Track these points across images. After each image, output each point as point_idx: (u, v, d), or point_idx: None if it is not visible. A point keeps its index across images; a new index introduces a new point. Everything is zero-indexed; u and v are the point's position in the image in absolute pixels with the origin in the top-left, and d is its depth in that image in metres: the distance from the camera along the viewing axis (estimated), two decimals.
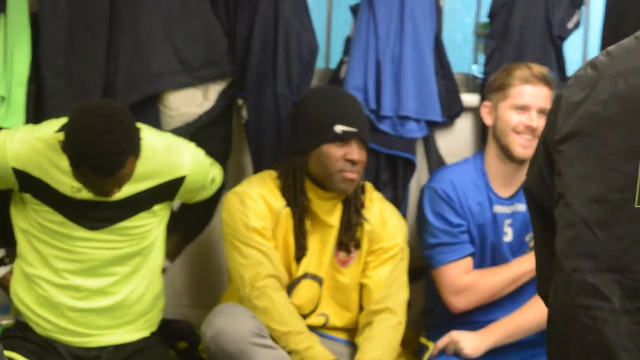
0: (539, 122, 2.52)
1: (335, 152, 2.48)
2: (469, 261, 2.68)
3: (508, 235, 2.73)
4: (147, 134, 2.33)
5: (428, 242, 2.71)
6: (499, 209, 2.74)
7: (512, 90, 2.61)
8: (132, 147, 2.19)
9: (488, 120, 2.65)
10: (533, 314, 2.62)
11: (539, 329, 2.55)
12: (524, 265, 2.67)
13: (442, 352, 2.64)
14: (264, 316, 2.43)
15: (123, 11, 2.57)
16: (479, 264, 2.73)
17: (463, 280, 2.68)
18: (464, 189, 2.72)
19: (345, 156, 2.48)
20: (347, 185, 2.50)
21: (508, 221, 2.71)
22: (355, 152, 2.49)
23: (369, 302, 2.57)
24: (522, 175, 2.50)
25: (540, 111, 2.56)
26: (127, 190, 2.33)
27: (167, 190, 2.43)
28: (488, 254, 2.74)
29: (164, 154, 2.40)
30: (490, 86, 2.71)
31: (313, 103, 2.62)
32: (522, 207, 2.69)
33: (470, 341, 2.62)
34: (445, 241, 2.70)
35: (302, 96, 2.68)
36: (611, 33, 2.96)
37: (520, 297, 2.63)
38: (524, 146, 2.54)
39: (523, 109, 2.58)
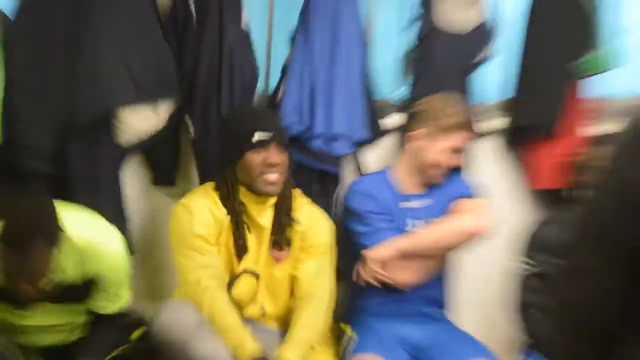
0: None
1: (255, 158, 2.67)
2: None
3: (410, 226, 2.98)
4: (73, 229, 2.33)
5: (357, 230, 2.96)
6: (404, 204, 3.00)
7: (452, 135, 2.88)
8: (45, 229, 2.22)
9: (415, 145, 2.92)
10: (430, 232, 2.93)
11: (436, 245, 2.91)
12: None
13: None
14: (206, 312, 2.62)
15: (83, 36, 2.71)
16: None
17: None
18: (376, 188, 3.00)
19: (264, 161, 2.67)
20: (271, 187, 2.71)
21: (414, 216, 2.97)
22: (273, 155, 2.69)
23: (298, 291, 2.81)
24: (424, 180, 2.96)
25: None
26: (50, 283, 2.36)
27: (83, 287, 2.52)
28: None
29: (86, 250, 2.45)
30: (426, 119, 2.94)
31: (234, 119, 2.83)
32: (422, 202, 2.99)
33: (373, 250, 2.91)
34: (370, 228, 2.94)
35: (225, 115, 2.91)
36: (530, 61, 3.32)
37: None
38: (442, 175, 2.93)
39: (457, 151, 2.89)
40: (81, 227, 2.47)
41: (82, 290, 2.54)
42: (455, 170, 3.09)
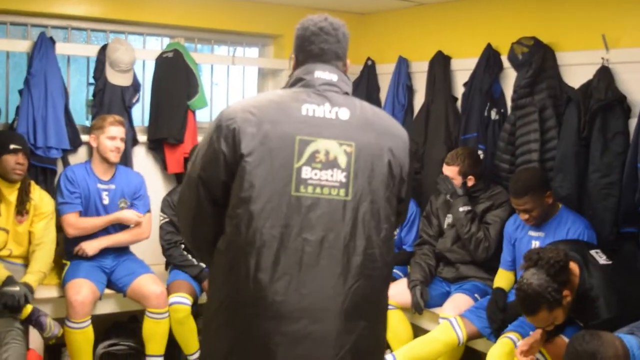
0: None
1: (10, 159, 3.68)
2: (77, 214, 4.05)
3: (105, 200, 4.14)
4: None
5: (59, 201, 4.01)
6: (99, 186, 4.14)
7: (106, 129, 4.03)
8: None
9: (94, 143, 4.06)
10: (127, 234, 4.15)
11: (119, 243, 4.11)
12: (108, 218, 4.10)
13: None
14: None
15: None
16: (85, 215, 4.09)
17: (75, 221, 4.04)
18: (77, 174, 4.07)
19: (16, 161, 3.69)
20: (17, 177, 3.71)
21: (105, 193, 4.13)
22: (20, 158, 3.68)
23: (34, 240, 3.88)
24: (111, 168, 4.05)
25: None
26: None
27: None
28: (92, 211, 4.12)
29: None
30: (92, 128, 4.11)
31: None
32: (114, 186, 4.13)
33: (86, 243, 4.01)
34: (66, 200, 4.03)
35: None
36: (160, 101, 4.56)
37: None
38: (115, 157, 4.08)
39: (112, 138, 4.05)
40: None
41: None
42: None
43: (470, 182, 4.12)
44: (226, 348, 2.00)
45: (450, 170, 4.15)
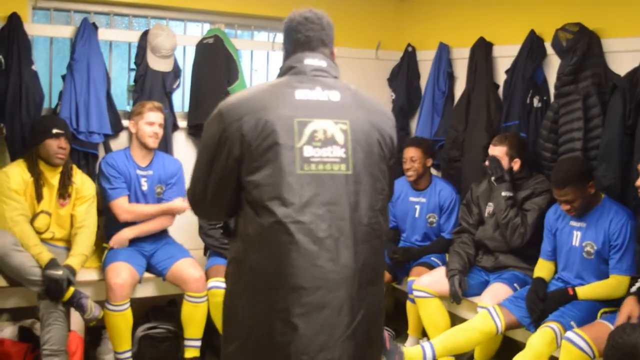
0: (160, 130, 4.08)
1: (52, 143, 3.67)
2: (127, 198, 4.08)
3: (144, 186, 4.16)
4: None
5: (104, 186, 4.04)
6: (138, 172, 4.13)
7: (145, 115, 4.04)
8: None
9: (133, 129, 4.08)
10: (148, 224, 4.14)
11: (154, 229, 4.10)
12: (161, 207, 4.14)
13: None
14: (18, 236, 3.54)
15: None
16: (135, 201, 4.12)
17: (127, 206, 4.08)
18: (118, 160, 4.08)
19: (58, 145, 3.68)
20: (59, 161, 3.71)
21: (144, 179, 4.14)
22: (62, 142, 3.67)
23: (75, 223, 3.90)
24: (150, 154, 4.03)
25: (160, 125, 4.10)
26: None
27: None
28: (132, 197, 4.13)
29: None
30: (132, 114, 4.11)
31: (40, 121, 3.86)
32: (151, 172, 4.11)
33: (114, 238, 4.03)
34: (114, 186, 4.05)
35: (35, 119, 3.96)
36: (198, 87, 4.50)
37: None
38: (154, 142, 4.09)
39: (150, 124, 4.05)
40: None
41: None
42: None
43: (516, 165, 4.06)
44: (250, 323, 2.10)
45: (498, 150, 4.09)
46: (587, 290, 3.57)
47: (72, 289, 3.65)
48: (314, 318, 2.02)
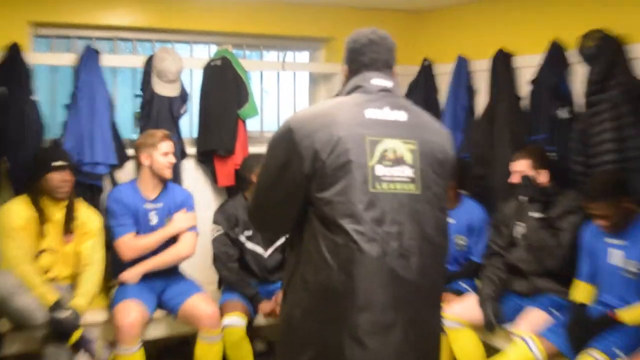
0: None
1: (54, 177, 3.53)
2: (133, 235, 3.90)
3: (153, 221, 3.98)
4: None
5: (110, 223, 3.87)
6: (146, 206, 3.96)
7: (159, 146, 3.88)
8: None
9: (146, 161, 3.87)
10: (166, 255, 3.96)
11: (163, 265, 3.91)
12: (163, 232, 3.93)
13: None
14: (21, 276, 3.40)
15: None
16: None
17: (131, 243, 3.87)
18: (124, 195, 3.93)
19: (61, 179, 3.53)
20: (63, 195, 3.58)
21: (153, 212, 3.96)
22: (65, 175, 3.54)
23: (82, 260, 3.70)
24: (159, 185, 3.87)
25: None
26: None
27: None
28: (140, 233, 3.91)
29: None
30: (142, 146, 3.90)
31: (40, 153, 3.73)
32: (161, 205, 3.99)
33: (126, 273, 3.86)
34: (120, 222, 3.91)
35: (36, 152, 3.81)
36: (208, 111, 4.43)
37: None
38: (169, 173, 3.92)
39: (165, 154, 3.91)
40: None
41: None
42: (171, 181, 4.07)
43: (544, 177, 3.85)
44: (318, 339, 2.11)
45: (522, 165, 3.88)
46: (633, 314, 3.32)
47: (79, 331, 3.50)
48: (382, 336, 2.04)
